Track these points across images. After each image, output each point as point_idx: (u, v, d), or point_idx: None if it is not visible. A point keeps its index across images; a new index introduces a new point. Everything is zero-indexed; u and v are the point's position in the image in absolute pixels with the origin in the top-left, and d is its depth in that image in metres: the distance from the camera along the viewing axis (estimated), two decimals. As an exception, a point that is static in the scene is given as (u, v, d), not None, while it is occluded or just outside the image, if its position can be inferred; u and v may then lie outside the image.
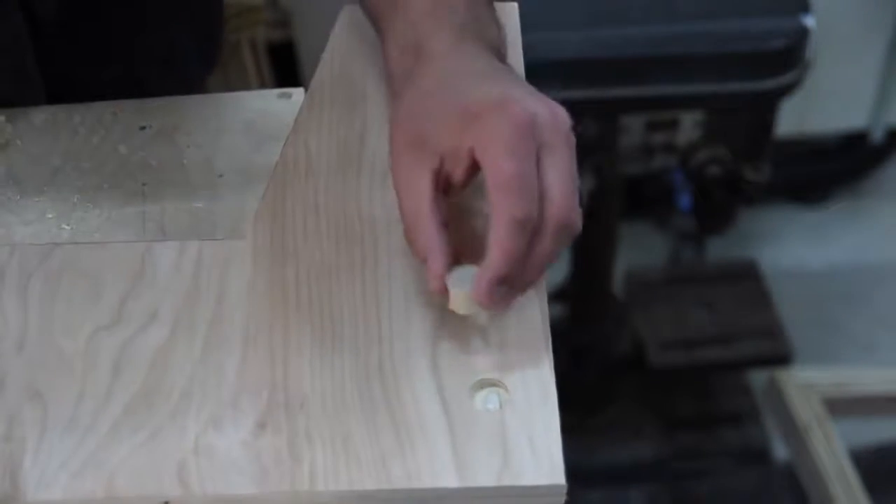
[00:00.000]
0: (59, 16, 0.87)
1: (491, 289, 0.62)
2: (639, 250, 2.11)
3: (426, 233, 0.64)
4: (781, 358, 1.80)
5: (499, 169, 0.61)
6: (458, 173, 0.65)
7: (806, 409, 1.69)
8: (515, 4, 0.87)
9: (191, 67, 1.00)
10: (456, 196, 0.68)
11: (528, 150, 0.62)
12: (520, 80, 0.69)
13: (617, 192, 1.72)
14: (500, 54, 0.73)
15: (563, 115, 0.64)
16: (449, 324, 0.67)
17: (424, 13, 0.72)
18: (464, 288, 0.63)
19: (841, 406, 1.72)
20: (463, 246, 0.66)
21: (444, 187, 0.66)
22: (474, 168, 0.64)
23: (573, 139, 0.64)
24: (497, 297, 0.63)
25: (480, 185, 0.65)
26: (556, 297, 1.83)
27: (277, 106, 0.85)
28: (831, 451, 1.64)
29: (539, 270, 0.64)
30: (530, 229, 0.62)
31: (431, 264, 0.64)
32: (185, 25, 0.97)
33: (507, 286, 0.63)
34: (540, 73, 0.77)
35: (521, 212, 0.61)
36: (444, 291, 0.64)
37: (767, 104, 1.70)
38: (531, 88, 0.67)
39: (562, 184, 0.62)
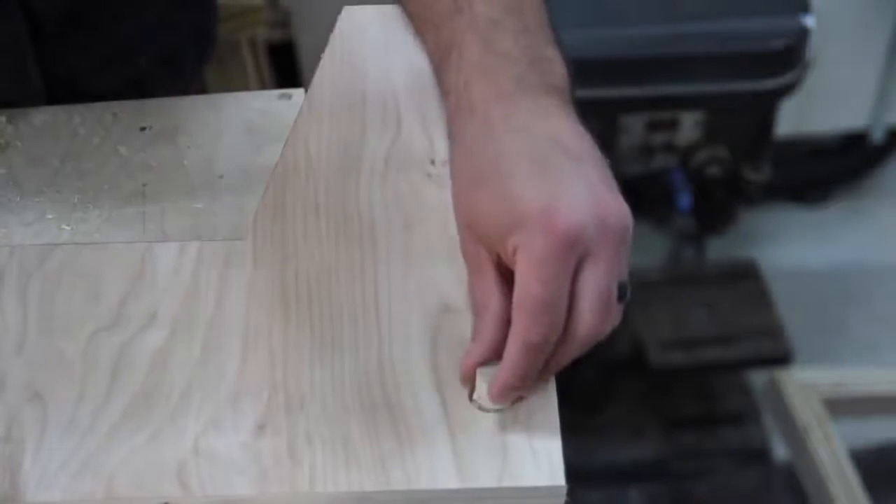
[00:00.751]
0: (59, 16, 0.87)
1: (502, 393, 0.61)
2: (639, 250, 2.10)
3: (484, 324, 0.63)
4: (781, 358, 1.80)
5: (524, 289, 0.59)
6: (513, 266, 0.62)
7: (806, 409, 1.69)
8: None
9: (188, 64, 1.00)
10: None
11: (563, 270, 0.59)
12: (569, 157, 0.63)
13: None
14: (561, 91, 0.67)
15: (614, 219, 0.61)
16: (449, 324, 0.67)
17: (476, 66, 0.68)
18: (487, 380, 0.63)
19: (841, 406, 1.71)
20: None
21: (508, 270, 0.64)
22: None
23: (624, 238, 0.61)
24: (510, 398, 0.62)
25: None
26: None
27: (278, 106, 0.84)
28: (831, 451, 1.63)
29: (558, 370, 0.63)
30: (547, 349, 0.61)
31: (471, 351, 0.63)
32: (182, 23, 0.97)
33: (522, 388, 0.62)
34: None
35: (536, 337, 0.59)
36: (469, 379, 0.63)
37: (767, 104, 1.70)
38: (579, 169, 0.62)
39: (594, 299, 0.60)
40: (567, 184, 0.61)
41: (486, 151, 0.65)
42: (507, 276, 0.63)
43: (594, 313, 0.61)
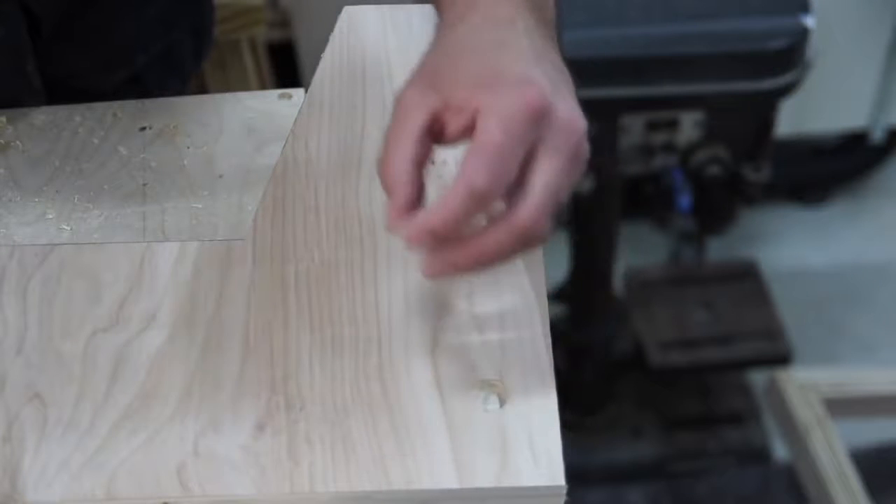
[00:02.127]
0: (58, 16, 0.87)
1: (420, 235, 0.59)
2: (639, 250, 2.11)
3: (395, 164, 0.61)
4: (781, 358, 1.80)
5: (484, 134, 0.59)
6: (453, 127, 0.62)
7: (806, 409, 1.69)
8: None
9: (186, 61, 1.00)
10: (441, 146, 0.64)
11: (523, 133, 0.59)
12: (560, 73, 0.64)
13: (617, 192, 1.72)
14: (551, 31, 0.69)
15: (578, 124, 0.61)
16: (449, 324, 0.67)
17: None
18: None
19: (841, 406, 1.72)
20: None
21: (436, 136, 0.62)
22: (470, 129, 0.61)
23: (580, 152, 0.61)
24: (419, 246, 0.60)
25: None
26: (556, 297, 1.83)
27: (278, 106, 0.85)
28: (831, 452, 1.64)
29: (479, 258, 0.61)
30: (484, 205, 0.59)
31: (393, 198, 0.61)
32: (180, 21, 0.97)
33: (440, 250, 0.60)
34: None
35: (482, 182, 0.58)
36: (400, 229, 0.60)
37: (767, 104, 1.70)
38: (564, 85, 0.63)
39: (540, 190, 0.60)
40: (549, 76, 0.62)
41: (477, 29, 0.65)
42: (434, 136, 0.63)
43: (535, 203, 0.59)
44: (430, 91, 0.63)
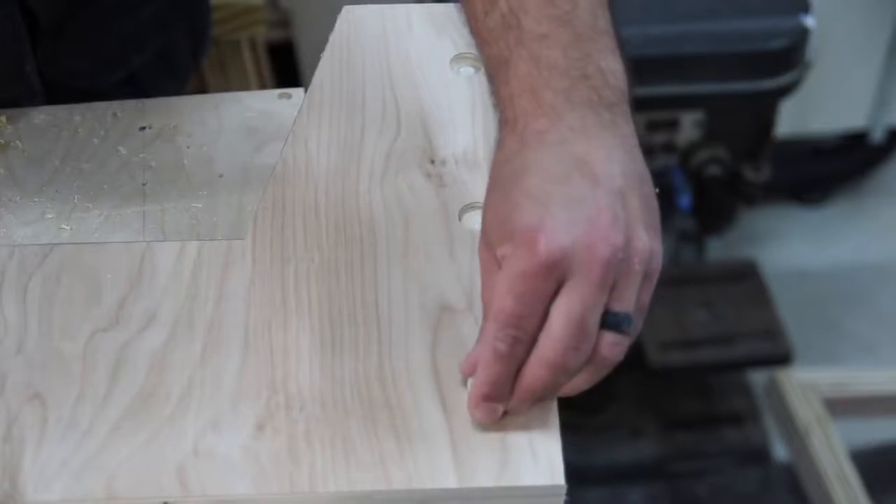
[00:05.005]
0: (56, 15, 0.87)
1: (477, 403, 0.62)
2: (639, 250, 2.10)
3: (485, 324, 0.63)
4: (781, 358, 1.80)
5: (497, 299, 0.61)
6: None
7: (806, 409, 1.69)
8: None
9: (183, 60, 1.00)
10: None
11: (537, 288, 0.60)
12: (597, 179, 0.62)
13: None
14: (613, 105, 0.66)
15: (600, 249, 0.60)
16: (448, 324, 0.67)
17: (523, 80, 0.67)
18: None
19: (841, 406, 1.72)
20: None
21: None
22: None
23: (610, 271, 0.60)
24: (487, 412, 0.62)
25: None
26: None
27: (277, 106, 0.84)
28: (831, 451, 1.64)
29: (530, 396, 0.62)
30: (513, 359, 0.61)
31: (473, 349, 0.63)
32: (177, 21, 0.97)
33: (498, 404, 0.62)
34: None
35: (502, 346, 0.60)
36: (469, 376, 0.63)
37: (767, 104, 1.70)
38: (600, 197, 0.61)
39: (556, 323, 0.60)
40: (566, 206, 0.61)
41: (514, 162, 0.65)
42: None
43: (558, 338, 0.60)
44: (486, 246, 0.65)
